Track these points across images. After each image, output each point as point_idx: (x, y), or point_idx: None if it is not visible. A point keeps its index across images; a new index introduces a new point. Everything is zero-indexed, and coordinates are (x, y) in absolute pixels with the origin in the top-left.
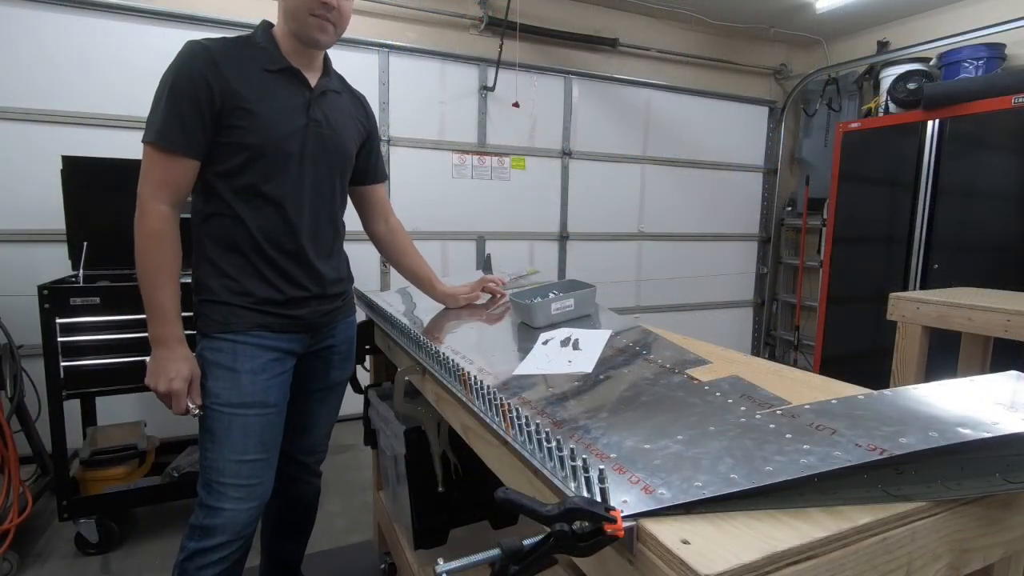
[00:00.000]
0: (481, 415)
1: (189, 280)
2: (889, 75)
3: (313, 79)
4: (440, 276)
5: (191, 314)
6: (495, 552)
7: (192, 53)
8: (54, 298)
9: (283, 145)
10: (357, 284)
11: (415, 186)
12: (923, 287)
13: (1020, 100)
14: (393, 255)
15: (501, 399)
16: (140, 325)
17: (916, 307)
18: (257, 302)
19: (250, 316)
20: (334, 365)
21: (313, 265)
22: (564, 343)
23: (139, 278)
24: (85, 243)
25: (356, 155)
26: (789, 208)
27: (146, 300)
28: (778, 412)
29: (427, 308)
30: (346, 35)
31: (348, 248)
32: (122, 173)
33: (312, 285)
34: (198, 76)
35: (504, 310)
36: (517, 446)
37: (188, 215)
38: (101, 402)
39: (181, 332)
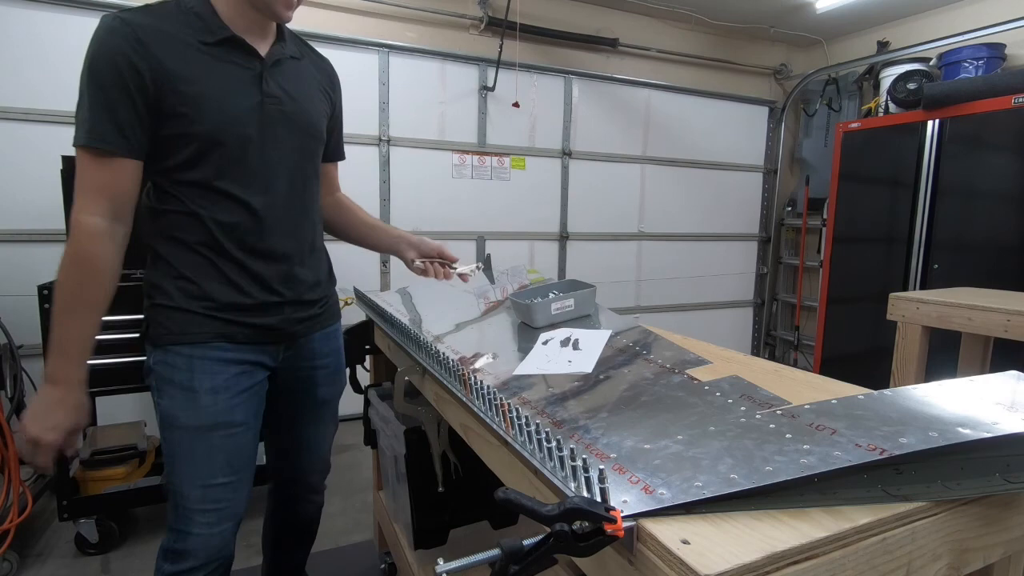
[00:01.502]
0: (481, 415)
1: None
2: (889, 75)
3: (263, 48)
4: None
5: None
6: (495, 552)
7: (110, 30)
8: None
9: (237, 130)
10: (357, 284)
11: (415, 186)
12: (923, 287)
13: (1020, 100)
14: (341, 217)
15: (501, 399)
16: (140, 325)
17: (916, 307)
18: (218, 308)
19: (210, 324)
20: (320, 382)
21: (286, 266)
22: (564, 343)
23: (53, 302)
24: None
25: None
26: (789, 208)
27: (53, 329)
28: (778, 412)
29: (427, 308)
30: (346, 35)
31: (349, 246)
32: None
33: (284, 289)
34: (121, 59)
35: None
36: (517, 446)
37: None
38: (101, 402)
39: (83, 375)
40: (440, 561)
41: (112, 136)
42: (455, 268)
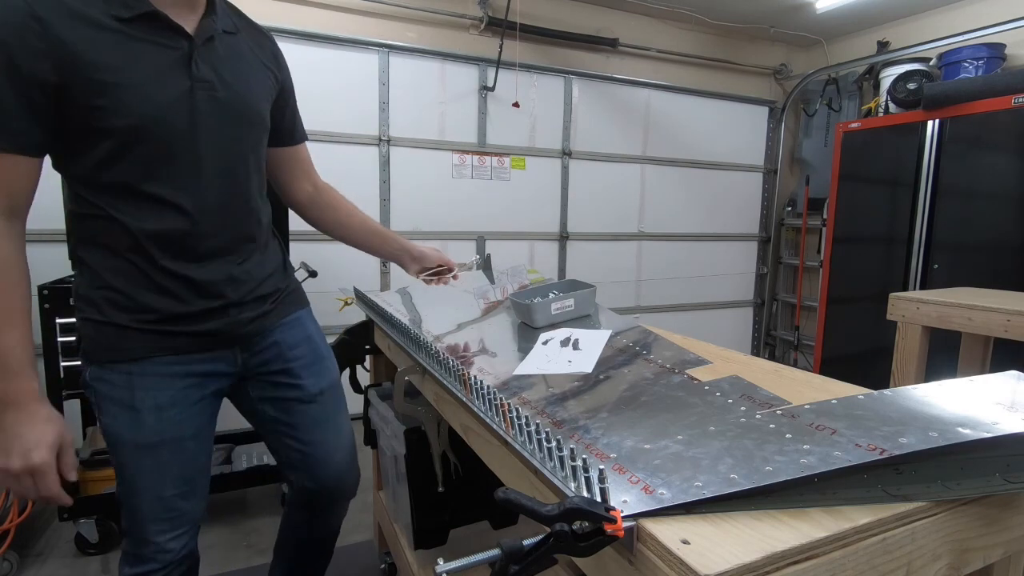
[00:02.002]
0: (481, 415)
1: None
2: (889, 75)
3: (190, 23)
4: None
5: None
6: (495, 552)
7: (3, 4)
8: (54, 298)
9: (163, 124)
10: (355, 284)
11: (415, 186)
12: (923, 287)
13: (1020, 100)
14: (327, 213)
15: (501, 399)
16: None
17: (916, 307)
18: (155, 320)
19: (146, 339)
20: (302, 375)
21: (226, 268)
22: (564, 343)
23: None
24: None
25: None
26: (789, 208)
27: None
28: (778, 412)
29: (427, 308)
30: (346, 35)
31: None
32: None
33: (228, 290)
34: (15, 41)
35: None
36: (517, 446)
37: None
38: None
39: (36, 385)
40: (440, 561)
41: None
42: (457, 272)
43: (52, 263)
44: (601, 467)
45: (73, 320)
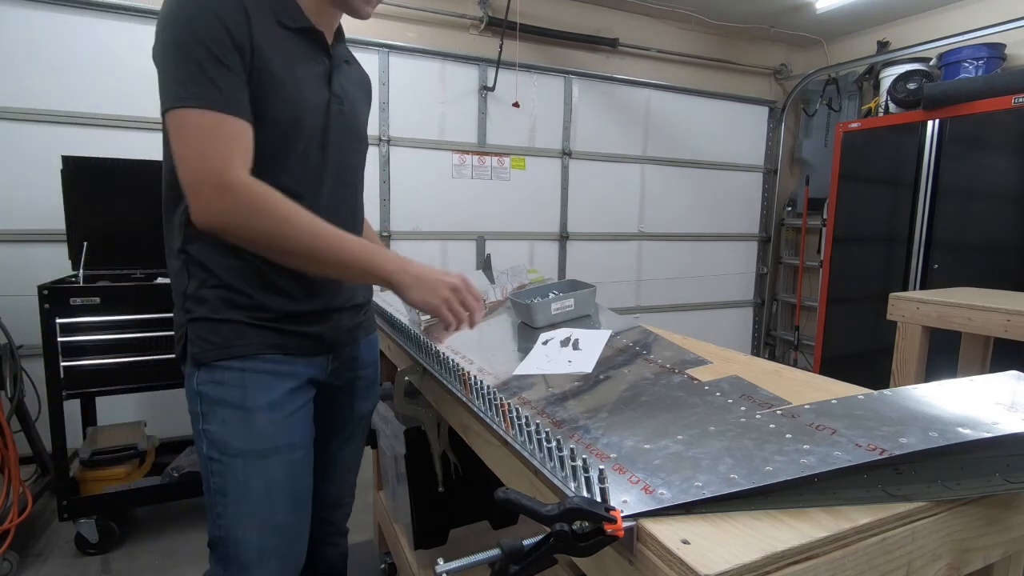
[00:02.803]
0: (481, 415)
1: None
2: (889, 75)
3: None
4: None
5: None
6: (495, 552)
7: None
8: (54, 298)
9: (308, 125)
10: None
11: (415, 186)
12: (923, 287)
13: (1020, 100)
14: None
15: (501, 399)
16: (140, 325)
17: (916, 307)
18: (269, 318)
19: (260, 335)
20: (359, 394)
21: None
22: (564, 343)
23: (307, 252)
24: (85, 243)
25: None
26: (789, 208)
27: (343, 256)
28: (778, 412)
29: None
30: (346, 35)
31: None
32: (122, 173)
33: (334, 294)
34: (233, 24)
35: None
36: (517, 446)
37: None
38: (101, 402)
39: (399, 256)
40: (440, 561)
41: (230, 97)
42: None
43: (52, 263)
44: (601, 467)
45: (73, 320)
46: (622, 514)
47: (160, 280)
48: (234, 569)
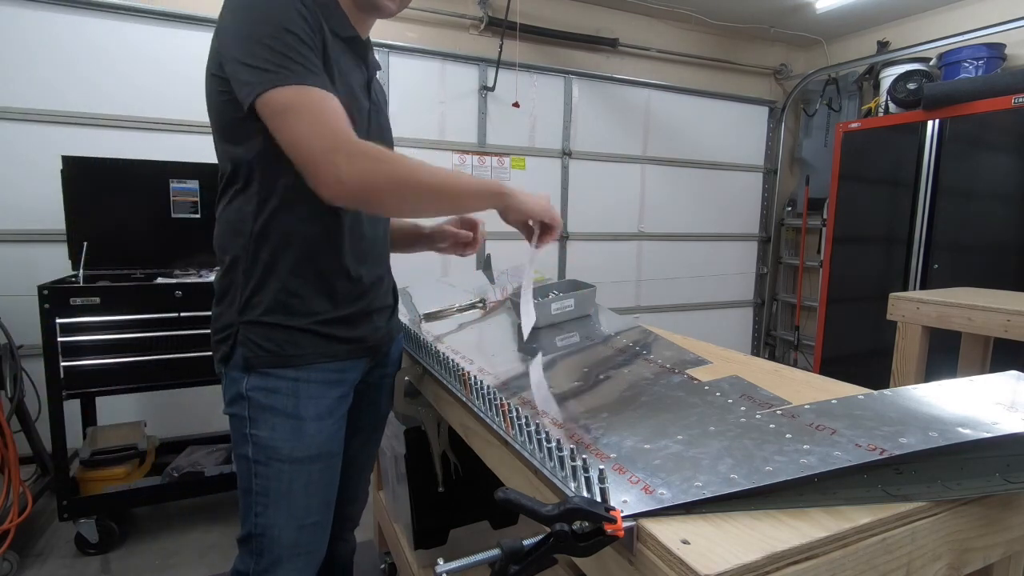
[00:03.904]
0: (481, 415)
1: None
2: (889, 75)
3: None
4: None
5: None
6: (495, 552)
7: None
8: (54, 298)
9: (358, 129)
10: None
11: None
12: (923, 287)
13: (1020, 100)
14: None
15: (501, 399)
16: (140, 325)
17: (916, 307)
18: (322, 323)
19: (315, 343)
20: (385, 393)
21: (379, 270)
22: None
23: (437, 189)
24: (85, 243)
25: None
26: (789, 208)
27: (462, 186)
28: (778, 412)
29: (427, 308)
30: None
31: None
32: (122, 173)
33: (373, 296)
34: (311, 17)
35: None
36: (517, 446)
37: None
38: (101, 402)
39: (501, 183)
40: (440, 561)
41: (325, 81)
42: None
43: (52, 263)
44: (601, 467)
45: (73, 320)
46: (622, 514)
47: (160, 280)
48: (265, 563)
